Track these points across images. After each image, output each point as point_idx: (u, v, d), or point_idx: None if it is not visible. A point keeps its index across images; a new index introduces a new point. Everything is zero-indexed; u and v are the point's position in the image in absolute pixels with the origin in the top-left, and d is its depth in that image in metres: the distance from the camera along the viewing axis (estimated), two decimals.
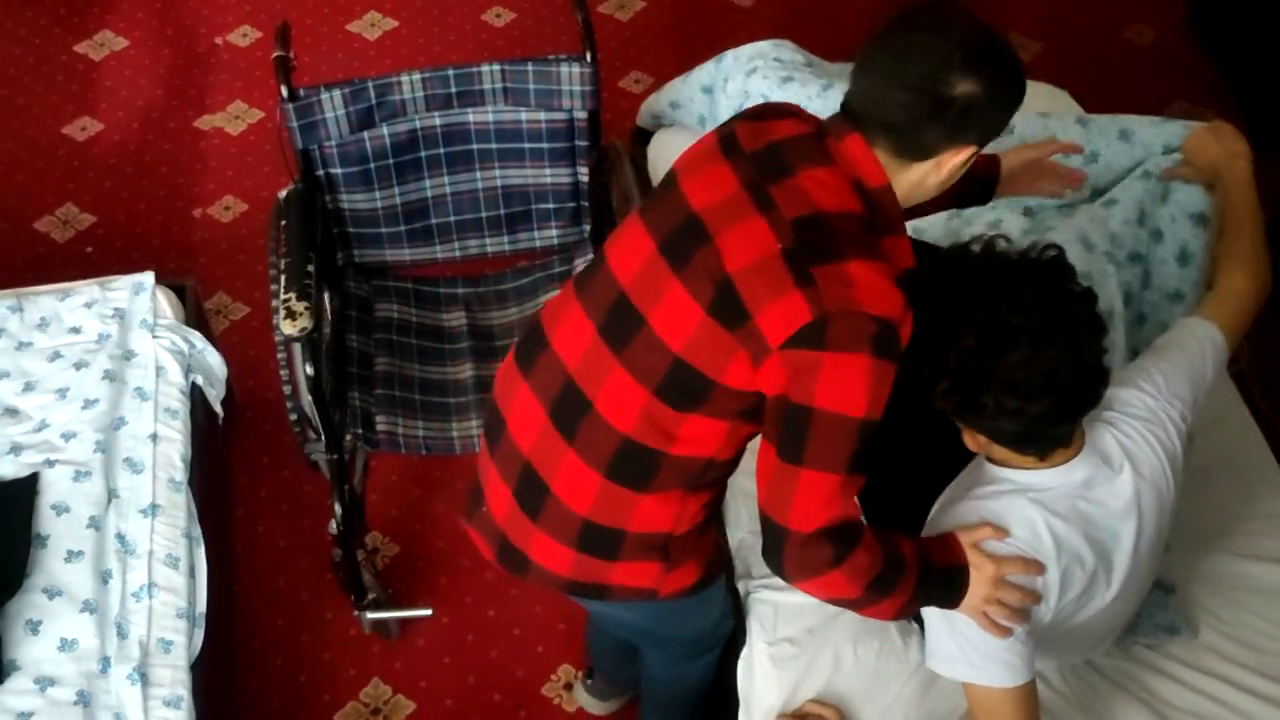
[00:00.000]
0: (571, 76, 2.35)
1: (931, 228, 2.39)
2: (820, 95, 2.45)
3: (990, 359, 1.53)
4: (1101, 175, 2.32)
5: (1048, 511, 1.64)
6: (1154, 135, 2.31)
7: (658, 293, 1.53)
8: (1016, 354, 1.52)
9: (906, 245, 1.57)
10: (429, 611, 2.51)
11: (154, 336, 2.40)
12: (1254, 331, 2.94)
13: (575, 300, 1.64)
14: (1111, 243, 2.19)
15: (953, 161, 1.53)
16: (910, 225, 2.37)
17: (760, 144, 1.55)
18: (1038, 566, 1.63)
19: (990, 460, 1.72)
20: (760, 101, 2.22)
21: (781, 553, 1.53)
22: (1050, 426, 1.60)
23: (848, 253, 1.45)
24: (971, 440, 1.65)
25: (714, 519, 1.73)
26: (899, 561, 1.57)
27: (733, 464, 1.67)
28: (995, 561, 1.61)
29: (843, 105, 1.56)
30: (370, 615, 2.44)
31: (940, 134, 1.49)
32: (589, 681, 2.41)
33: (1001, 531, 1.63)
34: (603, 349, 1.57)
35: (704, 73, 2.69)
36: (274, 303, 2.12)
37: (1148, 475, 1.71)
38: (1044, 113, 2.43)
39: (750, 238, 1.47)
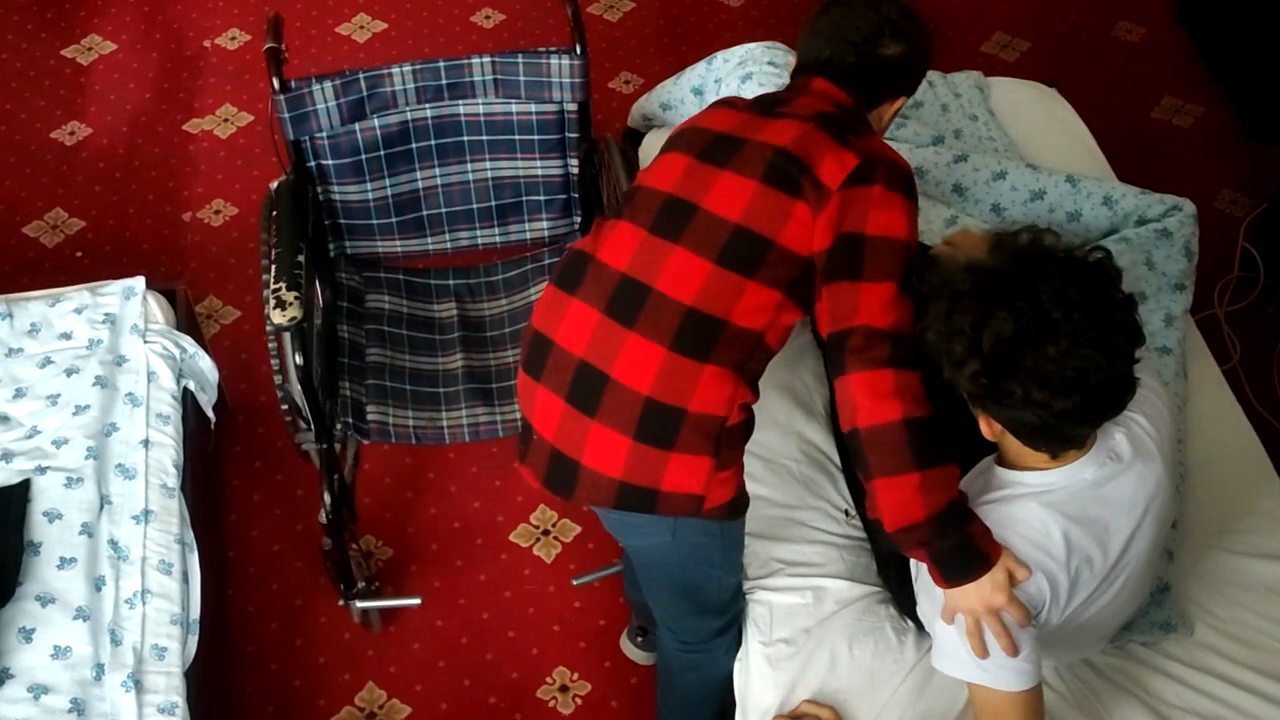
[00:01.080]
0: (561, 69, 2.36)
1: (930, 233, 2.40)
2: None
3: (1025, 347, 1.53)
4: (1078, 233, 2.42)
5: (1060, 514, 1.64)
6: (1133, 205, 2.40)
7: (706, 185, 1.76)
8: (1053, 347, 1.52)
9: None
10: (418, 600, 2.51)
11: (145, 341, 2.39)
12: (1243, 329, 2.98)
13: (615, 222, 1.82)
14: None
15: (890, 110, 1.91)
16: None
17: (749, 100, 1.92)
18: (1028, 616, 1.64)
19: (1001, 462, 1.71)
20: None
21: (846, 345, 1.66)
22: (1071, 425, 1.59)
23: (862, 130, 1.82)
24: (987, 427, 1.65)
25: (749, 433, 1.80)
26: (944, 448, 1.64)
27: (765, 365, 1.79)
28: (1014, 570, 1.62)
29: (798, 70, 1.91)
30: (359, 604, 2.44)
31: (885, 86, 1.87)
32: (639, 639, 2.44)
33: (1024, 569, 1.63)
34: (656, 242, 1.76)
35: (694, 74, 2.70)
36: (265, 292, 2.13)
37: (1154, 470, 1.71)
38: (1035, 167, 2.48)
39: (783, 128, 1.77)
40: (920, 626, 1.95)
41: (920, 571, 1.74)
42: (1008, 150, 2.61)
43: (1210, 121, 3.46)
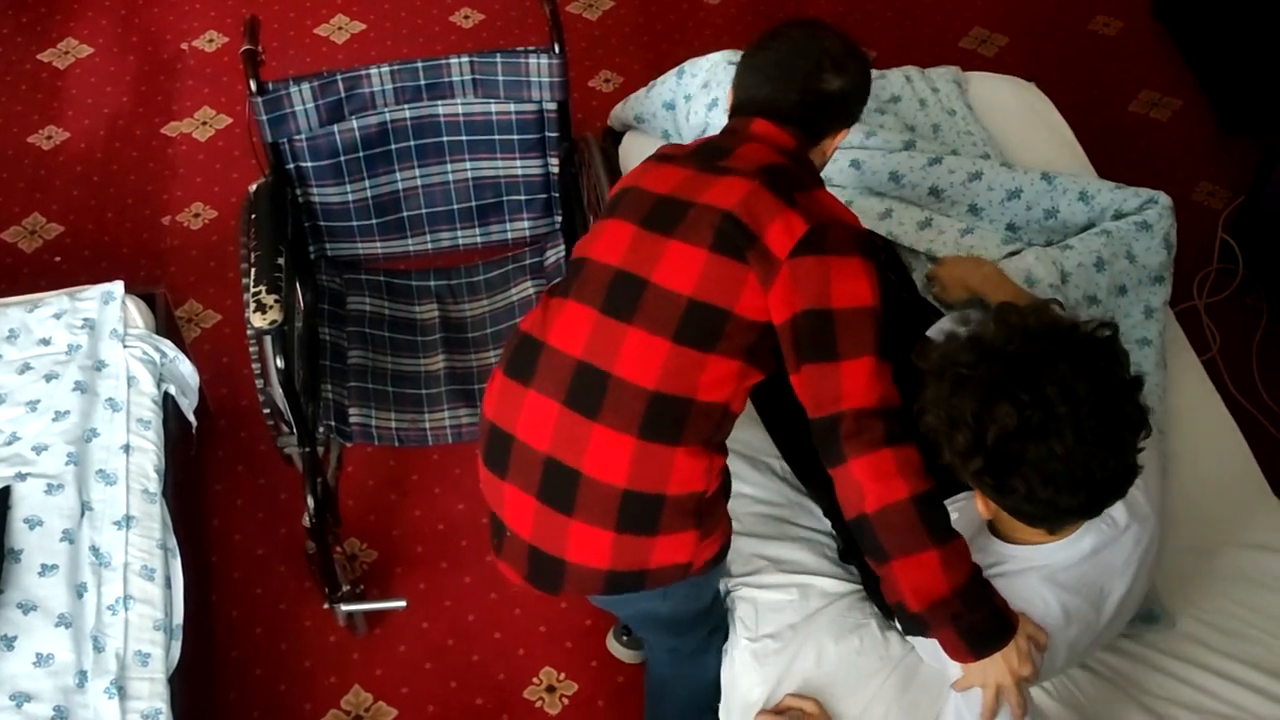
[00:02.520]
0: (540, 68, 2.35)
1: (904, 235, 2.41)
2: None
3: (1029, 441, 1.49)
4: (1056, 230, 2.43)
5: (1059, 587, 1.63)
6: (1109, 200, 2.41)
7: (653, 256, 1.70)
8: (1059, 445, 1.48)
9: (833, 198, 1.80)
10: (403, 603, 2.50)
11: (125, 346, 2.38)
12: (1222, 320, 2.99)
13: (563, 301, 1.75)
14: (1063, 280, 2.25)
15: (833, 144, 1.86)
16: (884, 230, 2.42)
17: (689, 149, 1.85)
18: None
19: (995, 533, 1.71)
20: None
21: (838, 432, 1.61)
22: (1073, 517, 1.58)
23: (809, 185, 1.75)
24: (984, 506, 1.63)
25: (727, 489, 1.79)
26: (947, 519, 1.62)
27: (732, 426, 1.77)
28: (1034, 635, 1.63)
29: (739, 109, 1.85)
30: (344, 608, 2.43)
31: (828, 121, 1.83)
32: (624, 637, 2.44)
33: (1043, 634, 1.64)
34: (609, 323, 1.69)
35: (665, 88, 2.70)
36: (245, 296, 2.12)
37: (1148, 528, 1.71)
38: (1010, 165, 2.49)
39: (728, 187, 1.70)
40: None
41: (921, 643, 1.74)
42: (986, 145, 2.62)
43: (1187, 114, 3.47)
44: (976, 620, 1.60)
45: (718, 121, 2.55)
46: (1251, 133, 3.36)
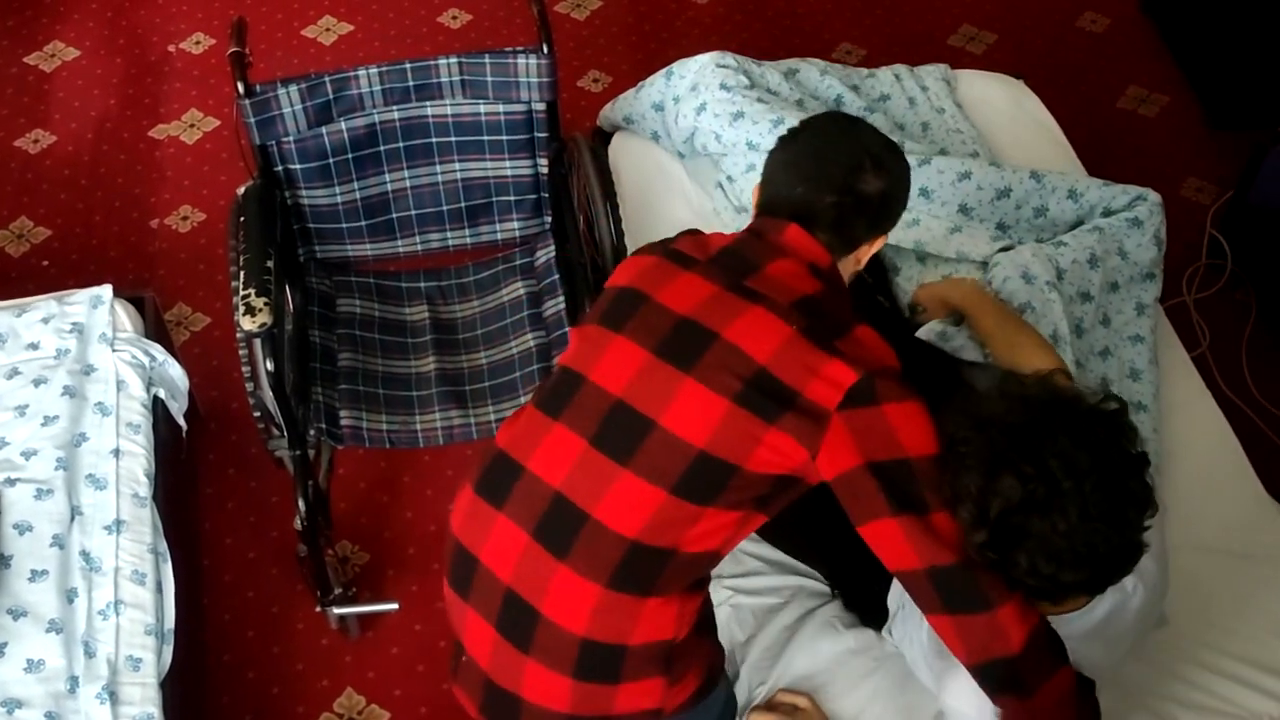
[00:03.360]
0: (529, 68, 2.35)
1: (893, 235, 2.41)
2: (771, 131, 2.47)
3: (1032, 516, 1.46)
4: (1046, 228, 2.44)
5: (1072, 656, 1.61)
6: (1098, 197, 2.42)
7: (665, 395, 1.53)
8: (1063, 521, 1.45)
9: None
10: (395, 605, 2.49)
11: (113, 350, 2.37)
12: (1212, 316, 3.00)
13: (550, 421, 1.60)
14: (1059, 277, 2.26)
15: (869, 252, 1.71)
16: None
17: (711, 251, 1.65)
18: None
19: None
20: (712, 139, 2.52)
21: (961, 586, 1.50)
22: (1077, 593, 1.56)
23: (849, 323, 1.58)
24: None
25: (708, 621, 1.68)
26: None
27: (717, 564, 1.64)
28: None
29: (768, 209, 1.68)
30: (337, 610, 2.43)
31: (864, 227, 1.67)
32: None
33: None
34: (600, 460, 1.54)
35: (654, 89, 2.70)
36: (234, 299, 2.11)
37: (1153, 582, 1.71)
38: (999, 164, 2.50)
39: (760, 326, 1.54)
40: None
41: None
42: (975, 143, 2.63)
43: (1175, 110, 3.48)
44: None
45: (707, 126, 2.55)
46: (1239, 128, 3.37)
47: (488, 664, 1.64)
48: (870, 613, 1.96)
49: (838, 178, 1.64)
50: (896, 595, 1.88)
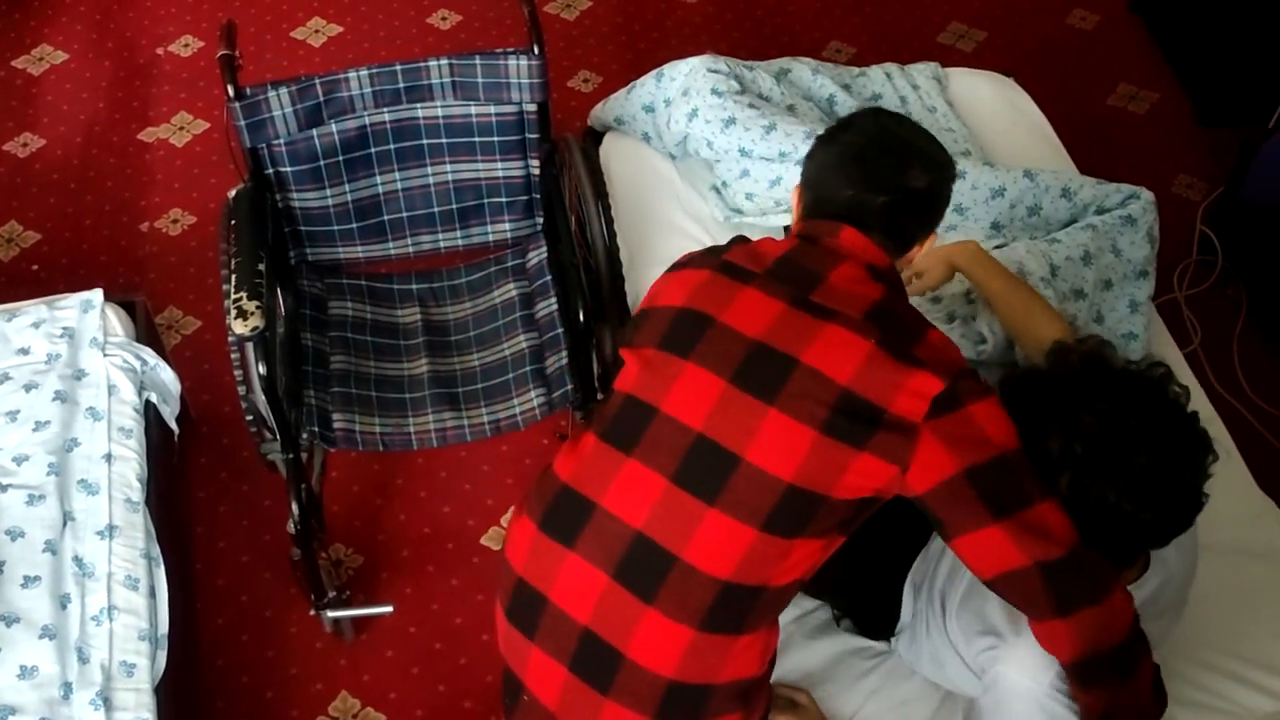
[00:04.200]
0: (519, 69, 2.35)
1: None
2: (764, 138, 2.48)
3: (1112, 453, 1.50)
4: (1039, 227, 2.44)
5: None
6: (1091, 195, 2.43)
7: (749, 429, 1.49)
8: (1143, 454, 1.50)
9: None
10: (389, 608, 2.49)
11: (105, 355, 2.36)
12: (1203, 312, 3.01)
13: (623, 456, 1.55)
14: (1052, 274, 2.26)
15: (919, 252, 1.68)
16: None
17: (767, 263, 1.60)
18: None
19: None
20: (704, 146, 2.52)
21: (1073, 579, 1.49)
22: (1143, 540, 1.58)
23: (921, 326, 1.55)
24: None
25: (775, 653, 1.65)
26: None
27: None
28: None
29: (814, 211, 1.64)
30: (331, 614, 2.42)
31: (915, 223, 1.64)
32: None
33: None
34: (684, 499, 1.50)
35: (644, 91, 2.70)
36: (226, 302, 2.10)
37: (1192, 558, 1.75)
38: (992, 164, 2.51)
39: (839, 347, 1.49)
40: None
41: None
42: (967, 141, 2.63)
43: (1165, 107, 3.49)
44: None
45: (699, 133, 2.55)
46: (1229, 124, 3.38)
47: (557, 705, 1.60)
48: (879, 632, 1.96)
49: (889, 177, 1.60)
50: (910, 604, 1.88)
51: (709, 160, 2.59)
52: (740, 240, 1.69)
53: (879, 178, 1.60)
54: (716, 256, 1.64)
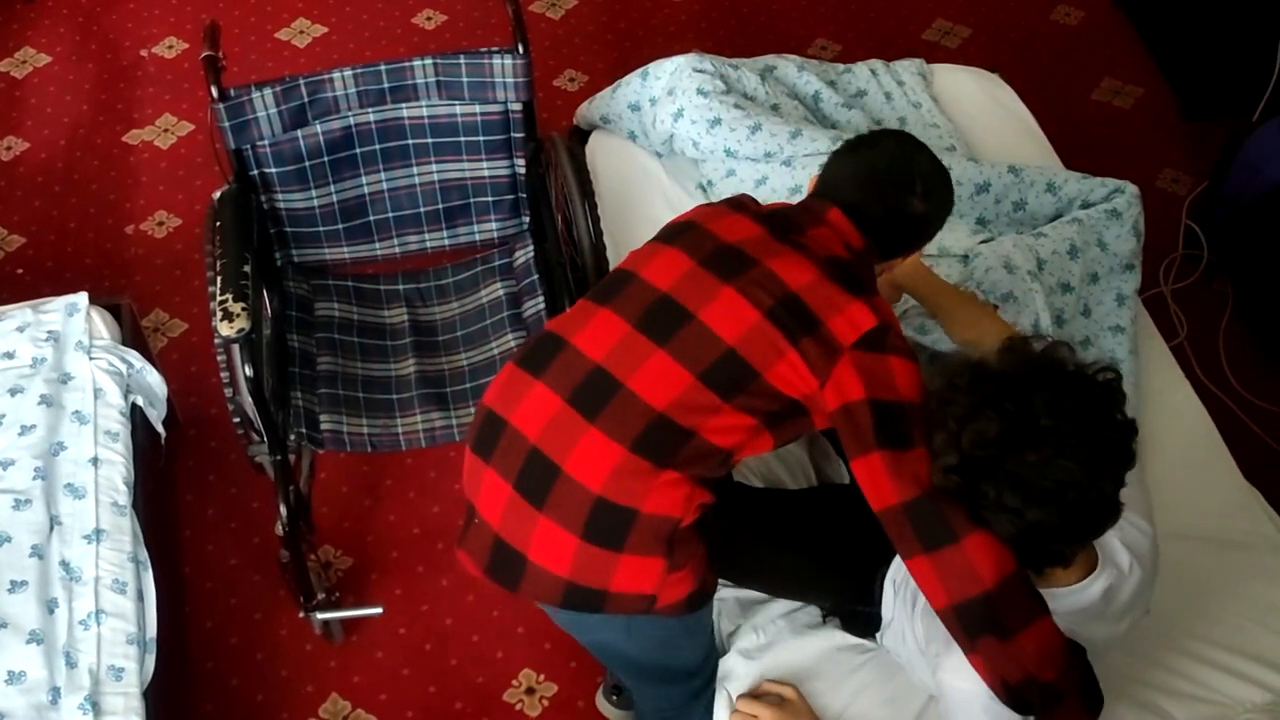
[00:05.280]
0: (504, 69, 2.34)
1: None
2: (749, 139, 2.48)
3: (1006, 450, 1.50)
4: (1025, 222, 2.46)
5: (1073, 626, 1.63)
6: (1076, 190, 2.44)
7: (706, 296, 1.69)
8: (1034, 454, 1.49)
9: None
10: (379, 610, 2.49)
11: (90, 358, 2.35)
12: (1189, 306, 3.02)
13: (596, 309, 1.75)
14: (1039, 268, 2.27)
15: (897, 264, 1.86)
16: None
17: (765, 209, 1.83)
18: None
19: None
20: (690, 146, 2.58)
21: (929, 522, 1.59)
22: (1044, 539, 1.56)
23: (870, 289, 1.75)
24: None
25: (707, 530, 1.73)
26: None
27: (730, 470, 1.78)
28: None
29: (821, 193, 1.82)
30: (320, 616, 2.42)
31: (901, 242, 1.82)
32: (614, 697, 2.35)
33: None
34: (639, 340, 1.69)
35: (630, 89, 2.70)
36: (212, 305, 2.10)
37: (1149, 564, 1.73)
38: (976, 160, 2.51)
39: (798, 265, 1.70)
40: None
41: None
42: (952, 137, 2.63)
43: (1150, 102, 3.50)
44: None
45: (684, 133, 2.55)
46: (1213, 119, 3.39)
47: (499, 522, 1.72)
48: (864, 630, 1.97)
49: (890, 196, 1.78)
50: (890, 601, 1.89)
51: (695, 159, 2.59)
52: (743, 196, 1.91)
53: (881, 196, 1.78)
54: (729, 199, 1.88)
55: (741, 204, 1.85)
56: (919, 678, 1.87)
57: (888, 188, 1.78)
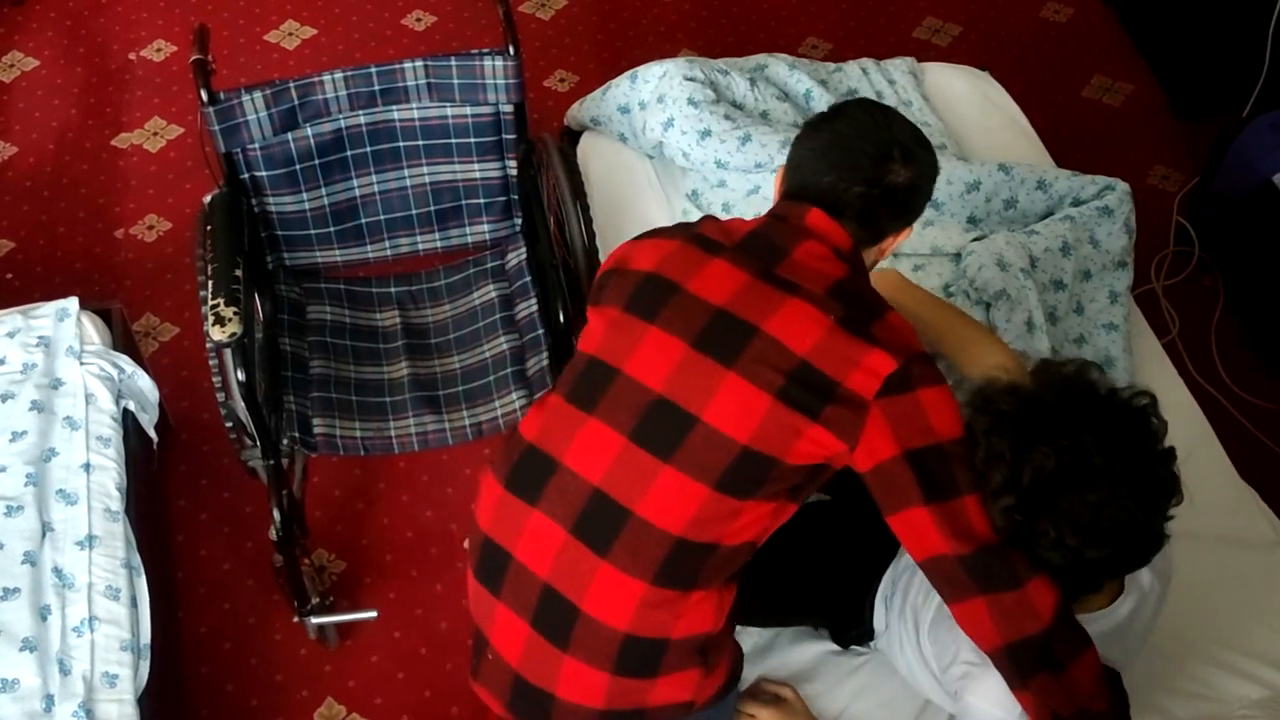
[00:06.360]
0: (495, 70, 2.34)
1: None
2: (739, 150, 2.48)
3: (1062, 488, 1.49)
4: (1016, 220, 2.45)
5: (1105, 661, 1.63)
6: (1067, 187, 2.44)
7: (707, 390, 1.53)
8: (1093, 494, 1.48)
9: None
10: (374, 614, 2.48)
11: (81, 363, 2.34)
12: (1180, 302, 3.02)
13: (584, 415, 1.59)
14: (1032, 265, 2.27)
15: (893, 244, 1.70)
16: None
17: (737, 237, 1.64)
18: None
19: None
20: (680, 156, 2.54)
21: (991, 566, 1.52)
22: (1095, 573, 1.57)
23: (881, 307, 1.59)
24: None
25: (734, 613, 1.67)
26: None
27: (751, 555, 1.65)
28: None
29: (793, 195, 1.66)
30: (314, 620, 2.41)
31: (889, 218, 1.66)
32: None
33: None
34: (641, 456, 1.54)
35: (619, 91, 2.69)
36: (203, 309, 2.09)
37: (1166, 577, 1.74)
38: (966, 159, 2.52)
39: (799, 319, 1.53)
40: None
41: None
42: (943, 135, 2.63)
43: (1140, 99, 3.51)
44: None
45: (674, 143, 2.55)
46: (1203, 115, 3.40)
47: (519, 661, 1.63)
48: (859, 642, 1.96)
49: (867, 168, 1.62)
50: (882, 617, 1.89)
51: (684, 169, 2.60)
52: (711, 219, 1.73)
53: (859, 168, 1.62)
54: (689, 229, 1.68)
55: (711, 242, 1.63)
56: (922, 687, 1.87)
57: (863, 160, 1.61)
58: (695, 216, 2.54)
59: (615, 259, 1.70)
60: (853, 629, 1.92)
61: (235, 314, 2.04)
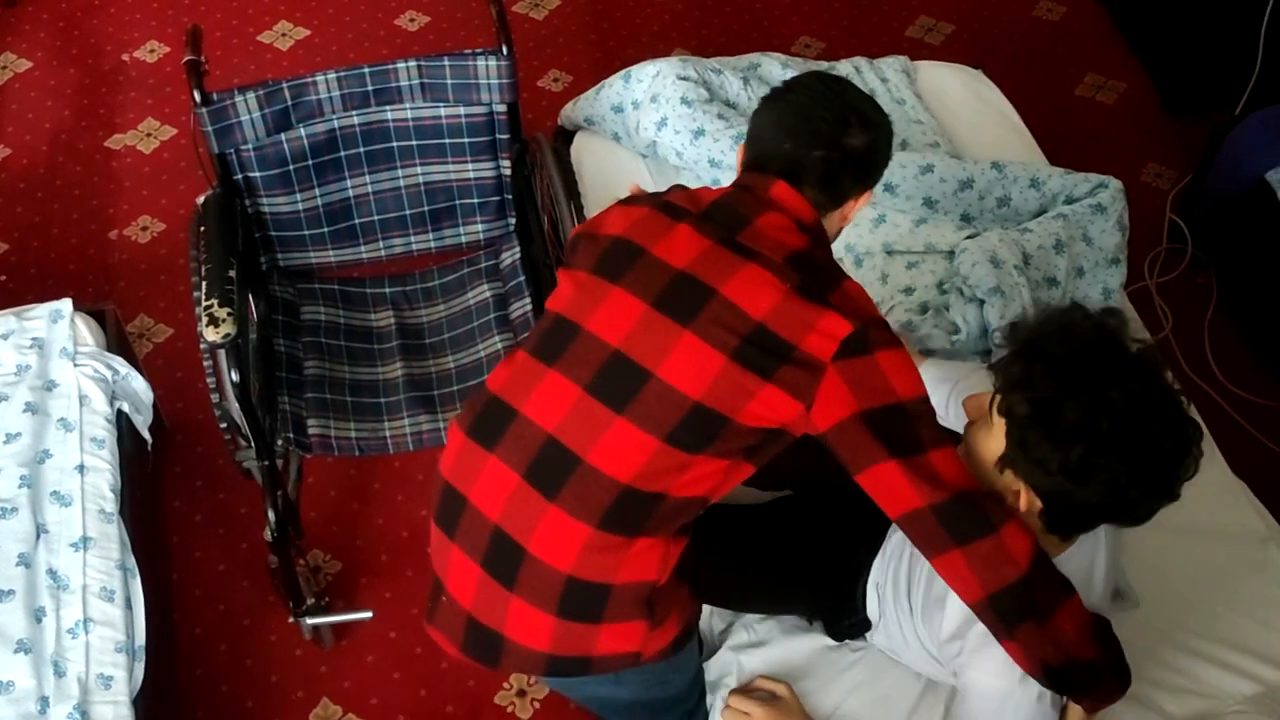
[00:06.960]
0: (488, 70, 2.34)
1: (860, 234, 2.44)
2: (732, 149, 2.48)
3: (1130, 432, 1.50)
4: (1009, 218, 2.46)
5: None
6: (1060, 185, 2.45)
7: (663, 347, 1.57)
8: (1166, 442, 1.52)
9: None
10: (369, 614, 2.49)
11: (75, 365, 2.34)
12: (1174, 300, 3.03)
13: (545, 368, 1.63)
14: (1025, 262, 2.28)
15: (855, 207, 1.73)
16: (843, 239, 2.45)
17: (702, 205, 1.69)
18: None
19: None
20: (673, 155, 2.56)
21: (965, 515, 1.54)
22: (1113, 515, 1.58)
23: (838, 275, 1.63)
24: (1026, 501, 1.61)
25: (687, 568, 1.69)
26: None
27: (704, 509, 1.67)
28: None
29: (754, 165, 1.71)
30: (310, 620, 2.41)
31: (850, 181, 1.70)
32: None
33: None
34: (595, 406, 1.58)
35: (613, 91, 2.70)
36: (197, 310, 2.09)
37: (1112, 539, 1.76)
38: (959, 156, 2.52)
39: (757, 284, 1.57)
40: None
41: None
42: (936, 134, 2.64)
43: (1132, 97, 3.51)
44: (1112, 661, 1.68)
45: (668, 142, 2.55)
46: (1196, 113, 3.41)
47: (471, 602, 1.67)
48: (852, 634, 1.97)
49: (825, 133, 1.66)
50: (875, 605, 1.89)
51: (677, 168, 2.60)
52: (680, 187, 1.78)
53: (817, 134, 1.66)
54: (657, 197, 1.74)
55: (677, 208, 1.68)
56: (928, 672, 1.87)
57: (820, 125, 1.66)
58: None
59: (588, 224, 1.77)
60: (845, 619, 1.92)
61: (229, 315, 2.04)
